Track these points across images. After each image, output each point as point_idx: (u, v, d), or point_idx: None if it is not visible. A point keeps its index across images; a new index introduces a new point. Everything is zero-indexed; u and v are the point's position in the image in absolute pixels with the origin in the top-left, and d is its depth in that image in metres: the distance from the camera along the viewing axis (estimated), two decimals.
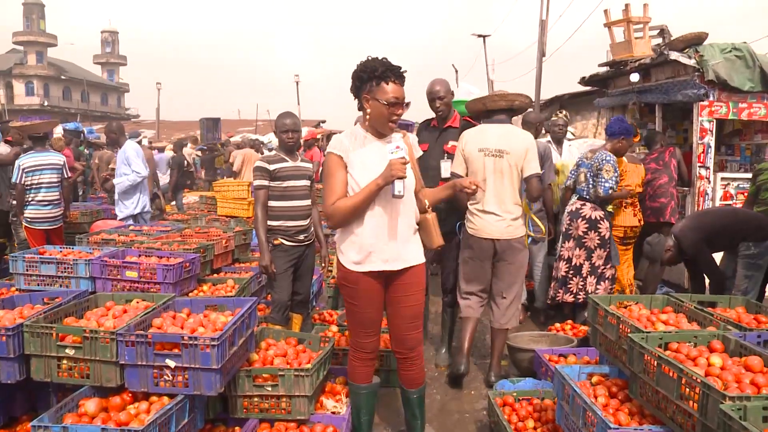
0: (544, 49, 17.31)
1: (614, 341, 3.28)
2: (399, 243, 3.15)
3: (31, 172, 6.31)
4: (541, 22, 17.23)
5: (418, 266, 3.25)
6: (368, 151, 3.12)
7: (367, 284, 3.18)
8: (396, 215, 3.13)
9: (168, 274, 4.45)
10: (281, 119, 4.54)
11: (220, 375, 2.97)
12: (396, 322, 3.28)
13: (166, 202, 12.89)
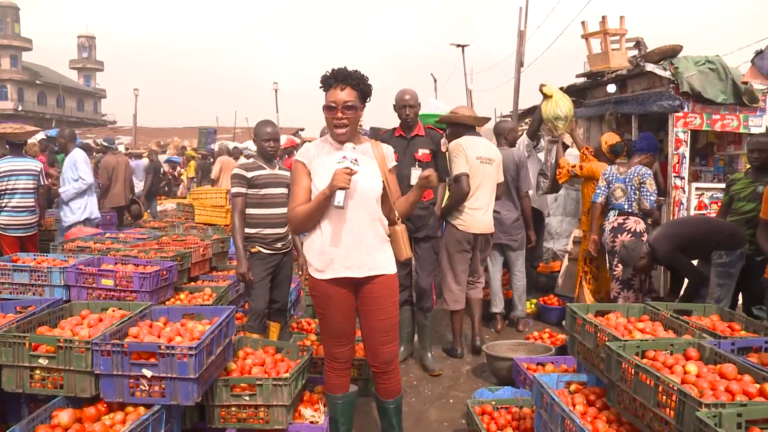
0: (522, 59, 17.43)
1: (592, 350, 3.31)
2: (363, 250, 3.10)
3: (7, 177, 6.20)
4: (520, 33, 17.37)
5: (387, 276, 3.18)
6: (331, 159, 3.08)
7: (333, 292, 3.14)
8: (358, 222, 3.08)
9: (144, 282, 4.41)
10: (262, 127, 4.52)
11: (197, 384, 2.94)
12: (369, 335, 3.24)
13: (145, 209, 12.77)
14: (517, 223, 5.91)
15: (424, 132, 4.91)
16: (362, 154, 3.12)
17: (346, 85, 3.06)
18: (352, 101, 3.05)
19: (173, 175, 17.83)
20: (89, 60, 77.85)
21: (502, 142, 6.12)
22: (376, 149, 3.23)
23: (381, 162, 3.21)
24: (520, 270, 6.09)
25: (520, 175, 5.86)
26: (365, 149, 3.20)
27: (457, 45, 29.40)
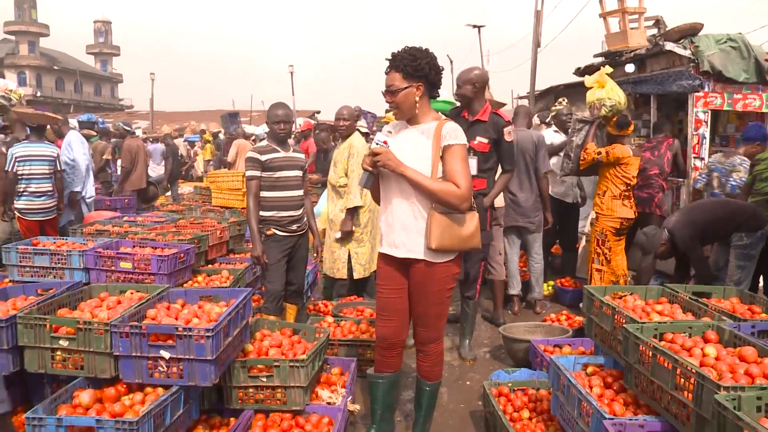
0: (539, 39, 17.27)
1: (609, 332, 3.28)
2: (400, 230, 3.13)
3: (23, 161, 6.26)
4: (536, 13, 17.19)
5: (425, 263, 3.12)
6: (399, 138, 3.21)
7: (383, 266, 3.29)
8: (396, 202, 3.14)
9: (162, 264, 4.43)
10: (273, 110, 4.52)
11: (214, 366, 2.96)
12: (412, 312, 3.31)
13: (161, 193, 12.86)
14: (534, 204, 5.87)
15: (488, 117, 4.65)
16: (421, 134, 3.13)
17: (390, 69, 3.10)
18: (394, 84, 3.08)
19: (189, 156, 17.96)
20: (106, 45, 78.25)
21: (521, 123, 6.06)
22: (437, 129, 3.12)
23: (437, 142, 3.11)
24: (537, 252, 6.05)
25: (539, 157, 5.80)
26: (427, 129, 3.15)
27: (473, 26, 29.13)
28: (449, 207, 3.06)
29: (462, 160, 3.10)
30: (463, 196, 3.04)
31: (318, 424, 3.28)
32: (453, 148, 3.10)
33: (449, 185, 3.04)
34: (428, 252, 3.09)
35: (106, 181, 11.74)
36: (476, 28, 28.99)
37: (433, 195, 3.03)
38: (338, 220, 5.47)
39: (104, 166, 11.78)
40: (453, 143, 3.10)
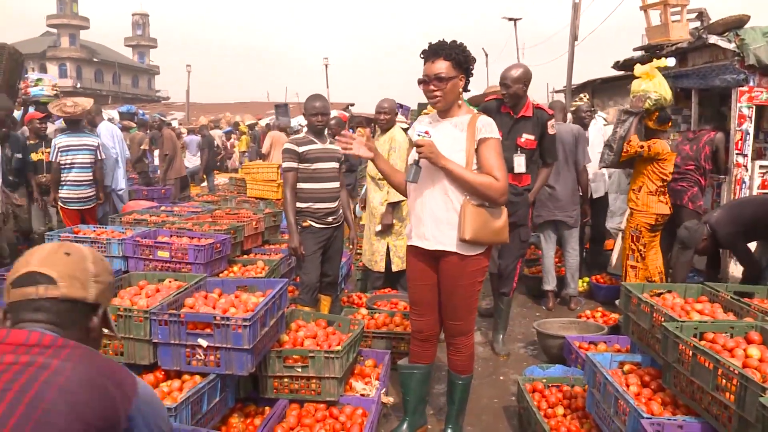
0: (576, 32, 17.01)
1: (647, 330, 3.24)
2: (431, 222, 3.12)
3: (65, 152, 6.39)
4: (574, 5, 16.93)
5: (460, 256, 3.10)
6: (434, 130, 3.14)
7: (412, 259, 3.28)
8: (429, 194, 3.12)
9: (199, 254, 4.49)
10: (310, 102, 4.52)
11: (251, 355, 2.99)
12: (441, 305, 3.29)
13: (197, 183, 13.04)
14: (573, 198, 5.80)
15: (532, 112, 4.61)
16: (454, 127, 3.10)
17: (437, 57, 3.04)
18: (443, 72, 3.03)
19: (225, 147, 18.15)
20: (143, 37, 79.40)
21: (559, 117, 5.99)
22: (472, 123, 3.11)
23: (471, 135, 3.09)
24: (573, 247, 5.98)
25: (578, 150, 5.73)
26: (461, 122, 3.13)
27: (509, 19, 28.86)
28: (488, 200, 3.05)
29: (498, 154, 3.10)
30: (502, 189, 3.04)
31: (352, 415, 3.30)
32: (489, 142, 3.09)
33: (490, 178, 3.02)
34: (460, 244, 3.08)
35: (144, 171, 11.94)
36: (512, 20, 28.72)
37: (474, 188, 3.01)
38: (378, 213, 5.48)
39: (142, 157, 11.98)
40: (489, 136, 3.09)
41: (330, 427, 3.22)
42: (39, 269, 1.54)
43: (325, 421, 3.26)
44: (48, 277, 1.53)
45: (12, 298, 1.53)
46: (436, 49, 3.06)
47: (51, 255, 1.57)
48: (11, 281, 1.54)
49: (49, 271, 1.54)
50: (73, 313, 1.56)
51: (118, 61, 69.40)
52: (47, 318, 1.52)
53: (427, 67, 3.07)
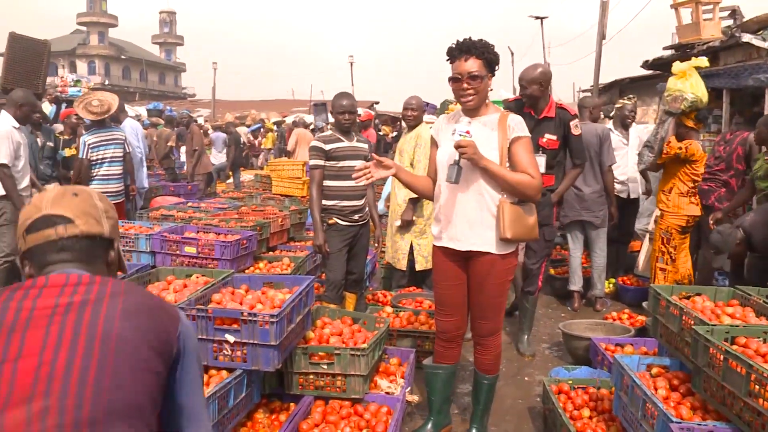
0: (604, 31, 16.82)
1: (676, 333, 3.18)
2: (464, 223, 3.11)
3: (96, 147, 6.46)
4: (602, 4, 16.75)
5: (492, 256, 3.11)
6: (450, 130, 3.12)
7: (441, 260, 3.26)
8: (462, 194, 3.10)
9: (226, 250, 4.54)
10: (338, 100, 4.51)
11: (277, 351, 3.01)
12: (470, 305, 3.29)
13: (222, 180, 13.15)
14: (599, 199, 5.75)
15: (554, 113, 4.61)
16: (484, 126, 3.08)
17: (470, 55, 3.03)
18: (477, 71, 3.02)
19: (253, 144, 18.29)
20: (170, 35, 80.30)
21: (586, 116, 5.94)
22: (502, 122, 3.11)
23: (503, 134, 3.09)
24: (601, 248, 5.92)
25: (603, 150, 5.67)
26: (491, 121, 3.12)
27: (535, 17, 28.65)
28: (525, 198, 3.08)
29: (530, 152, 3.14)
30: (538, 186, 3.09)
31: (377, 413, 3.30)
32: (521, 140, 3.11)
33: (527, 176, 3.04)
34: (497, 244, 3.08)
35: (170, 167, 12.07)
36: (539, 19, 28.50)
37: (513, 186, 3.03)
38: (401, 210, 5.48)
39: (168, 153, 12.13)
40: (521, 135, 3.11)
41: (355, 424, 3.22)
42: (53, 211, 1.53)
43: (350, 419, 3.27)
44: (64, 217, 1.53)
45: (30, 243, 1.52)
46: (468, 47, 3.04)
47: (60, 197, 1.57)
48: (25, 228, 1.53)
49: (64, 211, 1.54)
50: (94, 249, 1.57)
51: (145, 59, 70.28)
52: (73, 257, 1.52)
53: (459, 65, 3.05)
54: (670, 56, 7.85)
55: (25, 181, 5.45)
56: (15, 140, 5.29)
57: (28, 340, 1.31)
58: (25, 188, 5.42)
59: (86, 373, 1.29)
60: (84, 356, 1.31)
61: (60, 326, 1.33)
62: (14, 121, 5.37)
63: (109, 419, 1.28)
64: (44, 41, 8.24)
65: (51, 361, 1.29)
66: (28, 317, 1.34)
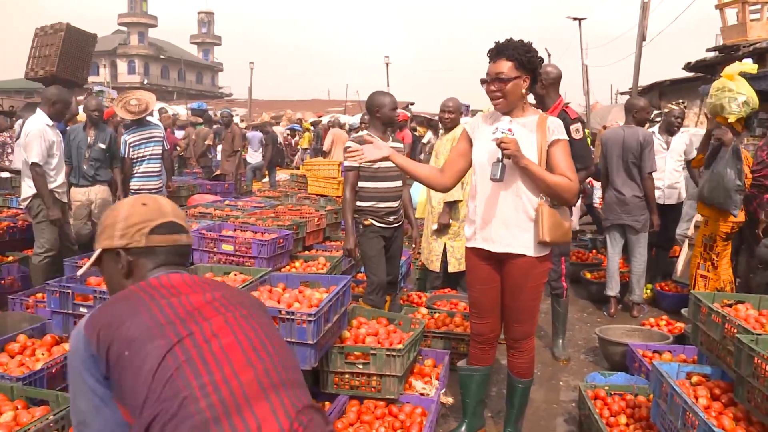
0: (644, 32, 16.54)
1: (718, 341, 3.12)
2: (500, 224, 3.09)
3: (137, 146, 6.58)
4: (643, 4, 16.48)
5: (527, 258, 3.08)
6: (487, 129, 3.11)
7: (474, 262, 3.24)
8: (503, 195, 3.08)
9: (263, 249, 4.58)
10: (381, 97, 4.41)
11: (314, 350, 3.03)
12: (504, 308, 3.27)
13: (258, 179, 13.28)
14: (641, 203, 5.66)
15: (557, 114, 4.53)
16: (522, 127, 3.05)
17: (500, 57, 3.02)
18: (503, 72, 3.00)
19: (290, 143, 18.42)
20: (208, 35, 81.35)
21: (630, 119, 5.84)
22: (541, 124, 3.10)
23: (542, 137, 3.08)
24: (640, 253, 5.81)
25: (644, 155, 5.58)
26: (529, 122, 3.10)
27: (573, 18, 28.31)
28: (562, 201, 3.07)
29: (568, 155, 3.12)
30: (576, 189, 3.08)
31: (411, 413, 3.30)
32: (561, 143, 3.09)
33: (565, 179, 3.02)
34: (535, 246, 3.07)
35: (207, 166, 12.23)
36: (577, 20, 28.15)
37: (552, 188, 3.01)
38: (436, 212, 5.47)
39: (206, 152, 12.28)
40: (560, 138, 3.09)
41: (389, 425, 3.23)
42: (176, 220, 1.75)
43: (384, 419, 3.28)
44: (184, 228, 1.77)
45: (154, 243, 1.69)
46: (500, 48, 3.03)
47: (176, 208, 1.80)
48: (152, 228, 1.69)
49: (182, 222, 1.78)
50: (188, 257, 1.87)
51: (183, 58, 71.31)
52: (184, 261, 1.77)
53: (491, 66, 3.05)
54: (713, 58, 7.69)
55: (60, 178, 5.53)
56: (48, 139, 5.35)
57: (215, 326, 1.51)
58: (60, 185, 5.52)
59: (274, 349, 1.55)
60: (260, 336, 1.56)
61: (226, 313, 1.56)
62: (48, 119, 5.42)
63: (299, 385, 1.55)
64: (93, 34, 8.45)
65: (245, 339, 1.52)
66: (193, 309, 1.54)
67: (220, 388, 1.39)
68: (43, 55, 7.79)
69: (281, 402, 1.44)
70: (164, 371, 1.38)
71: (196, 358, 1.42)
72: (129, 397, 1.41)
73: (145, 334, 1.44)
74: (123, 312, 1.50)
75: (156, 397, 1.37)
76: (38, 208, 5.40)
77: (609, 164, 5.79)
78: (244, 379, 1.43)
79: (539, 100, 4.62)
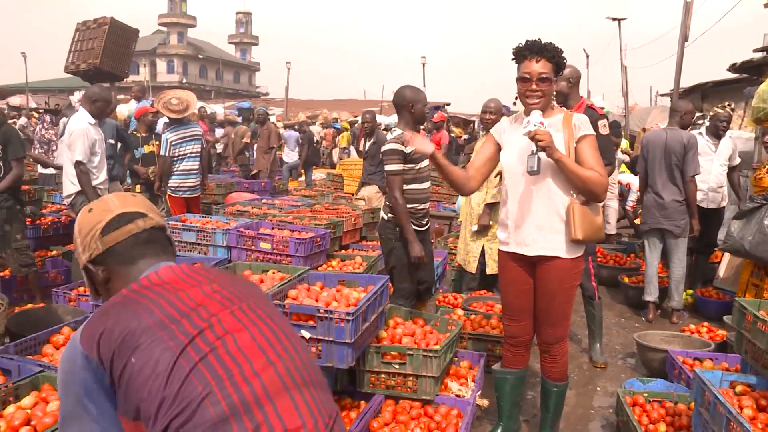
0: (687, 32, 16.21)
1: (765, 350, 3.05)
2: (532, 227, 3.08)
3: (177, 144, 6.69)
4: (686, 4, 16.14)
5: (560, 260, 3.07)
6: (519, 130, 3.08)
7: (508, 265, 3.24)
8: (530, 198, 3.08)
9: (300, 247, 4.61)
10: (419, 93, 4.30)
11: (352, 349, 3.04)
12: (536, 311, 3.25)
13: (294, 178, 13.38)
14: (680, 207, 5.55)
15: (583, 112, 4.59)
16: (549, 127, 3.02)
17: (542, 57, 3.01)
18: (546, 73, 3.00)
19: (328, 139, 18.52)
20: (246, 35, 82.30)
21: (676, 121, 5.73)
22: (567, 120, 3.10)
23: (569, 134, 3.07)
24: (680, 258, 5.69)
25: (687, 158, 5.47)
26: (555, 122, 3.10)
27: (613, 18, 27.88)
28: (593, 196, 3.04)
29: (596, 150, 3.11)
30: (606, 184, 3.07)
31: (447, 415, 3.29)
32: (588, 138, 3.09)
33: (596, 174, 3.00)
34: (567, 247, 3.06)
35: (244, 164, 12.36)
36: (616, 21, 27.72)
37: (584, 182, 2.98)
38: (476, 214, 5.44)
39: (243, 149, 12.41)
40: (587, 133, 3.10)
41: (425, 425, 3.23)
42: (124, 210, 1.60)
43: (419, 420, 3.28)
44: (139, 213, 1.61)
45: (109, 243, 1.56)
46: (540, 48, 3.01)
47: (123, 198, 1.64)
48: (100, 231, 1.56)
49: (136, 208, 1.62)
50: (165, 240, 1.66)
51: (221, 58, 72.27)
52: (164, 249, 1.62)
53: (528, 65, 3.02)
54: (761, 59, 7.50)
55: (102, 175, 5.63)
56: (90, 137, 5.43)
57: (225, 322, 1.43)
58: (102, 182, 5.62)
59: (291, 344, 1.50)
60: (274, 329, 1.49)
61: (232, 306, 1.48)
62: (90, 117, 5.51)
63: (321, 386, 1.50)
64: (135, 30, 8.60)
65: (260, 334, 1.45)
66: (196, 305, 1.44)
67: (240, 387, 1.33)
68: (85, 49, 7.93)
69: (305, 400, 1.40)
70: (179, 373, 1.30)
71: (211, 357, 1.34)
72: (141, 406, 1.31)
73: (151, 337, 1.34)
74: (121, 318, 1.38)
75: (172, 401, 1.29)
76: (81, 205, 5.52)
77: (650, 167, 5.68)
78: (264, 377, 1.37)
79: (563, 99, 4.61)
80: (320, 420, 1.39)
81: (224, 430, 1.27)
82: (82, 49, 7.98)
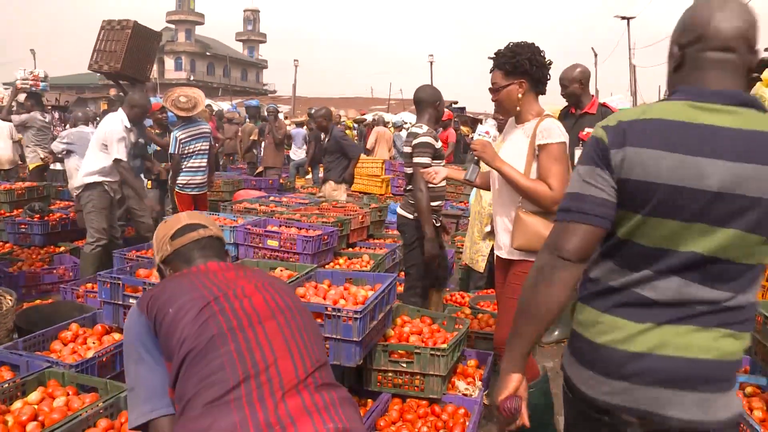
0: None
1: None
2: (502, 231, 3.13)
3: (187, 142, 6.69)
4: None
5: (522, 263, 2.99)
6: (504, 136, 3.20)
7: (497, 270, 3.29)
8: (498, 202, 3.14)
9: (307, 245, 4.60)
10: (437, 92, 4.30)
11: (359, 347, 3.03)
12: None
13: (301, 175, 13.38)
14: None
15: (596, 110, 4.68)
16: (523, 133, 3.02)
17: (493, 67, 3.06)
18: (494, 83, 3.06)
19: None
20: (253, 32, 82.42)
21: None
22: (536, 127, 3.00)
23: (532, 140, 2.98)
24: None
25: None
26: (529, 127, 3.02)
27: (621, 17, 27.79)
28: (540, 207, 2.92)
29: (555, 160, 2.89)
30: (552, 197, 2.84)
31: (454, 414, 3.28)
32: (547, 148, 2.91)
33: (540, 185, 2.88)
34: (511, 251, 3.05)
35: (252, 162, 12.36)
36: (625, 19, 27.63)
37: (524, 192, 2.90)
38: (486, 214, 5.41)
39: (251, 147, 12.41)
40: (548, 142, 2.91)
41: (432, 424, 3.21)
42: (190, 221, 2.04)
43: (426, 418, 3.26)
44: (201, 224, 2.03)
45: (176, 246, 1.98)
46: (494, 60, 3.06)
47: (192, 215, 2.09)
48: (171, 236, 2.00)
49: (199, 221, 2.05)
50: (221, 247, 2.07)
51: (229, 55, 72.43)
52: (217, 252, 2.02)
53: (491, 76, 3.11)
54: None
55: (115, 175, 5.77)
56: (128, 140, 5.71)
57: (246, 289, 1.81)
58: (115, 180, 5.77)
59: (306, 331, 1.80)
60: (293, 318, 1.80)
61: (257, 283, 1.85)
62: (127, 121, 5.72)
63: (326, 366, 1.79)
64: (158, 33, 8.60)
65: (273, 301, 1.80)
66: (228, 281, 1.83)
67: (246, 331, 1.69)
68: (109, 50, 7.95)
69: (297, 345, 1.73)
70: (200, 318, 1.68)
71: (228, 310, 1.72)
72: (172, 345, 1.68)
73: (187, 296, 1.74)
74: (167, 287, 1.82)
75: (191, 338, 1.65)
76: (87, 198, 5.59)
77: None
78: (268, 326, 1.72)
79: (576, 99, 4.72)
80: (308, 360, 1.71)
81: (225, 350, 1.63)
82: (105, 49, 7.99)
